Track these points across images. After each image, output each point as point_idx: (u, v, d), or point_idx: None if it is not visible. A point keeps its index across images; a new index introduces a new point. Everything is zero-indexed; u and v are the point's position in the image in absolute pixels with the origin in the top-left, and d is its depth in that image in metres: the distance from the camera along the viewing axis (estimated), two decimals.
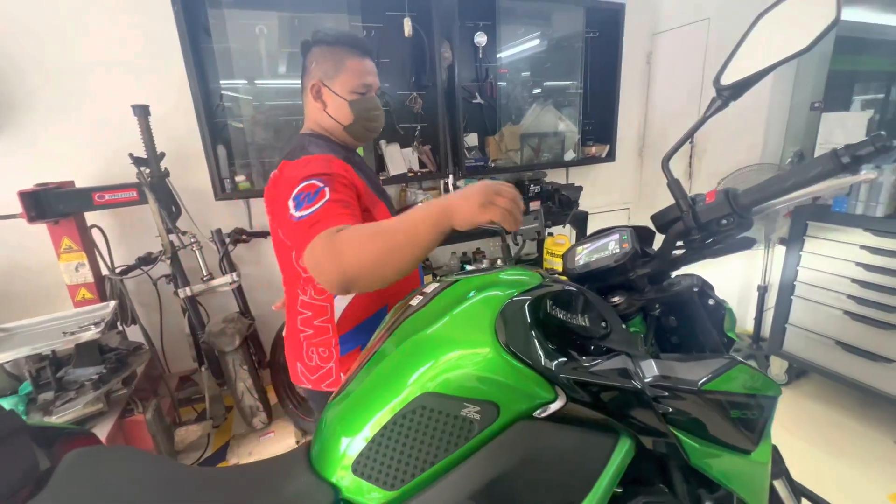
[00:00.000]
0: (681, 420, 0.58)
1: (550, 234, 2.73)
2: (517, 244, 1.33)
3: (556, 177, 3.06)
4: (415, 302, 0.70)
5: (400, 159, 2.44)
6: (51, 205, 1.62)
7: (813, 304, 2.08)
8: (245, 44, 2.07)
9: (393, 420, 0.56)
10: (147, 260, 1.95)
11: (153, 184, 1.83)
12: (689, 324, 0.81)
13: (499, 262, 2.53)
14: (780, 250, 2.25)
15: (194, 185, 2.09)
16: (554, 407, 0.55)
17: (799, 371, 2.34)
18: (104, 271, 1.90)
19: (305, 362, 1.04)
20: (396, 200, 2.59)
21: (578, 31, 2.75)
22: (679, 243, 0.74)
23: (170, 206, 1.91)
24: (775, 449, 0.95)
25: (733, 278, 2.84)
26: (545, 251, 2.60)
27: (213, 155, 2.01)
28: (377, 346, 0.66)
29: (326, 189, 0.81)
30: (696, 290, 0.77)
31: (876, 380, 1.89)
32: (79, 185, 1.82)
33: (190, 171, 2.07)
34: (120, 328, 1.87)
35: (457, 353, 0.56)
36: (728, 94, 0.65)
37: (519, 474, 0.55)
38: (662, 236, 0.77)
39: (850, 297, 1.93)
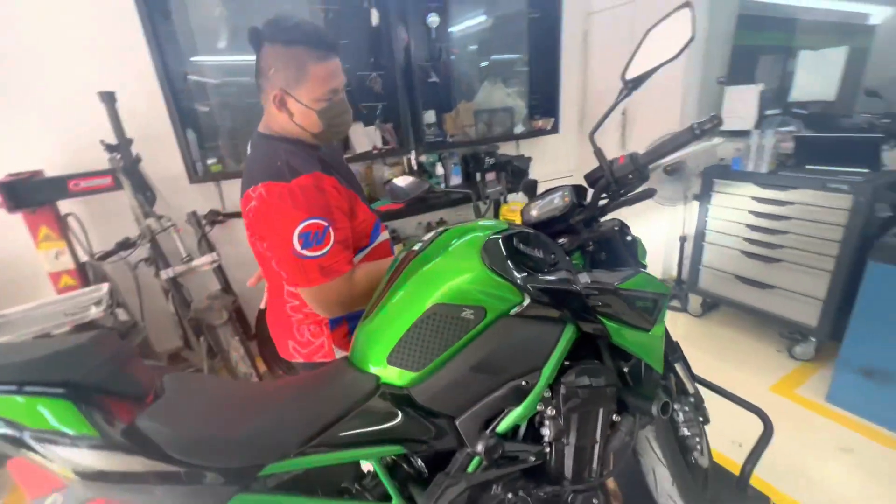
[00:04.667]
0: (605, 311, 0.87)
1: (505, 202, 3.02)
2: (486, 205, 1.59)
3: (507, 149, 3.33)
4: (417, 247, 0.93)
5: (363, 137, 2.59)
6: (28, 194, 1.65)
7: (718, 247, 2.53)
8: (205, 23, 2.10)
9: (415, 324, 0.80)
10: (126, 244, 2.01)
11: (127, 169, 1.88)
12: (614, 255, 1.10)
13: None
14: (695, 205, 2.68)
15: (164, 170, 2.14)
16: (522, 307, 0.82)
17: (712, 304, 2.83)
18: (83, 258, 1.94)
19: (297, 338, 1.12)
20: (362, 177, 2.75)
21: (522, 11, 2.98)
22: (602, 195, 1.03)
23: (144, 191, 1.97)
24: (674, 342, 1.30)
25: (661, 232, 3.29)
26: (501, 216, 2.89)
27: (184, 139, 2.07)
28: (395, 279, 0.88)
29: (331, 230, 0.91)
30: (616, 228, 1.07)
31: (763, 303, 2.38)
32: (48, 174, 1.83)
33: (160, 156, 2.12)
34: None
35: (457, 275, 0.81)
36: (631, 85, 0.92)
37: (501, 353, 0.82)
38: (592, 191, 1.05)
39: (745, 239, 2.39)
